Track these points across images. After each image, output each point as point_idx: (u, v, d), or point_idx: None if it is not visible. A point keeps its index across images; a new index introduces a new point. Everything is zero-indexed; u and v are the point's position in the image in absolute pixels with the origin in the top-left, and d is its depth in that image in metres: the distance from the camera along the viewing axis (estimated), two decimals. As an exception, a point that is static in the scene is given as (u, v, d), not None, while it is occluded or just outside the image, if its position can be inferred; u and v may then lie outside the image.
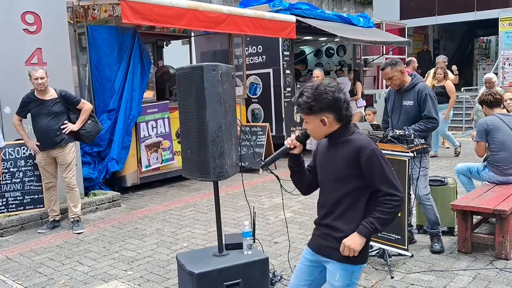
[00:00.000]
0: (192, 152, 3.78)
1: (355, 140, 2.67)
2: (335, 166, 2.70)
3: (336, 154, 2.71)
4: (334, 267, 2.71)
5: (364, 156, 2.59)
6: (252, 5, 11.42)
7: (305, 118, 2.72)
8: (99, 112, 7.87)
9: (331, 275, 2.73)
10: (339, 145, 2.70)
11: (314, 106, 2.64)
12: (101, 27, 8.03)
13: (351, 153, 2.63)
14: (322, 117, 2.66)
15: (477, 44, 23.28)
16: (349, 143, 2.67)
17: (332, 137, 2.74)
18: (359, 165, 2.61)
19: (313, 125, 2.70)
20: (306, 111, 2.67)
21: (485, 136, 5.62)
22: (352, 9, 22.78)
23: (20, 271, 5.08)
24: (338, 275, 2.69)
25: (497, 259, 4.79)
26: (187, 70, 3.79)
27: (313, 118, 2.68)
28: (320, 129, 2.70)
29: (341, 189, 2.68)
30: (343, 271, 2.69)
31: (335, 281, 2.70)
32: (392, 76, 5.04)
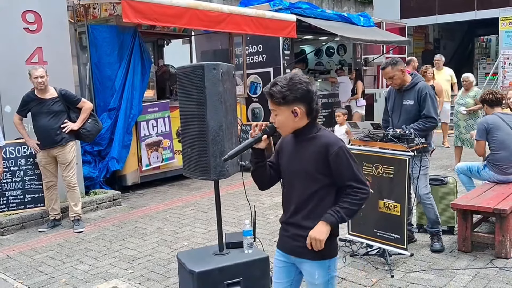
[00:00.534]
0: (193, 151, 3.79)
1: (322, 136, 2.65)
2: (303, 163, 2.66)
3: (304, 151, 2.67)
4: (310, 266, 2.68)
5: (332, 153, 2.57)
6: (253, 4, 11.41)
7: (276, 109, 2.64)
8: (100, 111, 7.87)
9: (310, 275, 2.70)
10: (307, 141, 2.67)
11: (288, 96, 2.59)
12: (102, 26, 8.04)
13: (319, 150, 2.61)
14: (294, 108, 2.60)
15: (477, 43, 23.27)
16: (317, 140, 2.64)
17: (299, 133, 2.69)
18: (327, 162, 2.59)
19: (284, 116, 2.63)
20: (279, 100, 2.60)
21: (485, 135, 5.63)
22: (352, 8, 22.77)
23: (21, 269, 5.09)
24: (317, 273, 2.67)
25: (497, 258, 4.80)
26: (188, 69, 3.79)
27: (285, 108, 2.62)
28: (291, 121, 2.64)
29: (309, 186, 2.64)
30: (321, 268, 2.67)
31: (315, 280, 2.68)
32: (392, 76, 5.05)
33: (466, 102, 8.98)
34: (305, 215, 2.66)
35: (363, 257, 4.94)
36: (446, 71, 11.52)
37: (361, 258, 4.91)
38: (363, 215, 4.83)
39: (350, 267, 4.72)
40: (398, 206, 4.55)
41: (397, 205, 4.56)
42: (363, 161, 4.80)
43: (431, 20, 20.39)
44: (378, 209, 4.70)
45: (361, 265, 4.78)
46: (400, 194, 4.54)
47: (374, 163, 4.70)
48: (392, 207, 4.59)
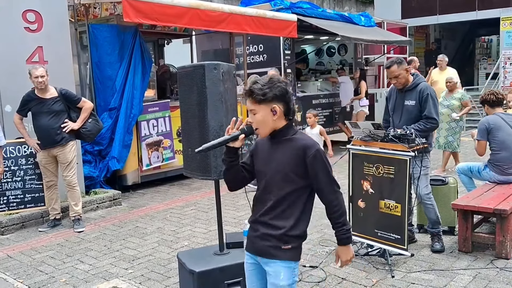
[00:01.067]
0: (193, 151, 3.78)
1: (300, 139, 2.67)
2: (280, 164, 2.67)
3: (280, 152, 2.68)
4: (276, 266, 2.67)
5: (310, 156, 2.60)
6: (253, 4, 11.40)
7: (255, 108, 2.64)
8: (100, 111, 7.87)
9: (274, 276, 2.67)
10: (283, 143, 2.68)
11: (268, 93, 2.61)
12: (102, 25, 8.04)
13: (296, 152, 2.63)
14: (273, 106, 2.62)
15: (478, 43, 23.30)
16: (294, 142, 2.66)
17: (276, 135, 2.70)
18: (304, 164, 2.61)
19: (263, 114, 2.63)
20: (259, 97, 2.61)
21: (486, 135, 5.62)
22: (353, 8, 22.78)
23: (21, 269, 5.09)
24: (283, 273, 2.66)
25: (497, 259, 4.79)
26: (188, 69, 3.79)
27: (264, 107, 2.63)
28: (270, 120, 2.64)
29: (285, 187, 2.65)
30: (287, 269, 2.67)
31: (280, 281, 2.65)
32: (398, 75, 5.02)
33: (450, 103, 8.64)
34: (277, 214, 2.67)
35: (363, 257, 4.93)
36: (449, 71, 11.04)
37: (361, 258, 4.91)
38: (364, 215, 4.83)
39: (350, 267, 4.71)
40: (399, 207, 4.54)
41: (397, 206, 4.56)
42: (364, 161, 4.79)
43: (432, 20, 20.41)
44: (379, 209, 4.69)
45: (361, 265, 4.77)
46: (401, 194, 4.53)
47: (375, 163, 4.69)
48: (392, 207, 4.59)
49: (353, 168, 4.93)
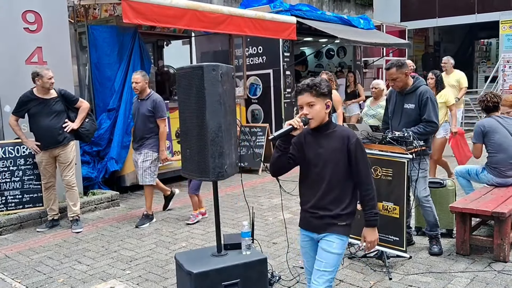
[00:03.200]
0: (192, 152, 3.78)
1: (342, 130, 3.13)
2: (330, 154, 3.06)
3: (328, 143, 3.08)
4: (331, 237, 3.09)
5: (352, 143, 3.03)
6: (253, 6, 11.43)
7: (314, 100, 3.03)
8: (99, 112, 7.87)
9: (327, 244, 3.09)
10: (329, 135, 3.09)
11: (325, 88, 3.05)
12: (102, 26, 8.04)
13: (340, 140, 3.05)
14: (327, 100, 3.06)
15: (477, 46, 23.31)
16: (338, 133, 3.09)
17: (321, 128, 3.10)
18: (347, 150, 3.03)
19: (320, 107, 3.04)
20: (321, 91, 3.02)
21: (481, 138, 5.64)
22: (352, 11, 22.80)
23: (19, 269, 5.08)
24: (336, 243, 3.08)
25: (495, 262, 4.80)
26: (187, 70, 3.78)
27: (322, 100, 3.04)
28: (324, 112, 3.05)
29: (336, 174, 3.06)
30: (340, 240, 3.10)
31: (332, 249, 3.07)
32: (396, 78, 5.01)
33: (377, 112, 7.42)
34: (332, 200, 3.07)
35: (361, 259, 4.93)
36: (454, 75, 10.22)
37: (359, 260, 4.91)
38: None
39: (348, 269, 4.72)
40: (397, 209, 4.55)
41: (396, 208, 4.56)
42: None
43: (431, 23, 20.42)
44: (377, 211, 4.69)
45: (359, 267, 4.78)
46: (399, 196, 4.54)
47: (373, 166, 4.69)
48: (391, 209, 4.59)
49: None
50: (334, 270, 3.10)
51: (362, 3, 23.60)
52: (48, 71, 6.09)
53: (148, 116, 6.41)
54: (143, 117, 6.44)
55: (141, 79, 6.41)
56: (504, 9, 18.05)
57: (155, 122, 6.45)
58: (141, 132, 6.49)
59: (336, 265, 3.11)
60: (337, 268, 3.13)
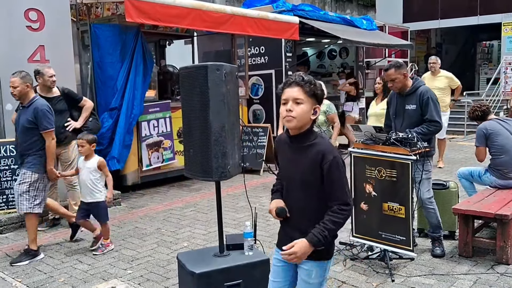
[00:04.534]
0: (195, 152, 3.77)
1: (319, 144, 2.67)
2: (300, 170, 2.70)
3: (300, 158, 2.70)
4: (309, 265, 2.73)
5: (327, 163, 2.60)
6: (256, 5, 11.41)
7: (303, 99, 2.64)
8: (101, 111, 7.85)
9: (306, 274, 2.74)
10: (304, 148, 2.70)
11: (319, 91, 2.68)
12: (104, 25, 8.03)
13: (315, 157, 2.64)
14: (316, 106, 2.68)
15: (479, 48, 23.29)
16: (314, 147, 2.67)
17: (299, 138, 2.72)
18: (321, 170, 2.62)
19: (307, 109, 2.65)
20: (314, 90, 2.65)
21: (484, 141, 5.64)
22: (355, 12, 22.81)
23: (19, 268, 5.06)
24: (314, 272, 2.73)
25: (498, 264, 4.78)
26: (191, 70, 3.77)
27: (311, 102, 2.65)
28: (308, 116, 2.66)
29: (307, 193, 2.69)
30: (319, 268, 2.74)
31: (311, 279, 2.73)
32: (394, 78, 5.01)
33: None
34: (305, 219, 2.70)
35: (363, 260, 4.92)
36: (441, 77, 9.61)
37: (361, 262, 4.90)
38: (367, 217, 4.82)
39: (350, 271, 4.70)
40: (403, 209, 4.53)
41: (401, 208, 4.54)
42: (366, 164, 4.78)
43: (433, 24, 20.41)
44: (383, 211, 4.68)
45: (361, 269, 4.76)
46: (405, 197, 4.52)
47: (377, 167, 4.68)
48: (396, 209, 4.58)
49: (355, 171, 4.92)
50: None
51: (364, 3, 23.60)
52: (50, 69, 6.07)
53: (28, 128, 5.28)
54: (22, 128, 5.33)
55: (19, 82, 5.27)
56: (506, 11, 18.05)
57: (39, 135, 5.29)
58: (21, 147, 5.39)
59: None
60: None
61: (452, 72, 9.90)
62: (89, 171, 5.43)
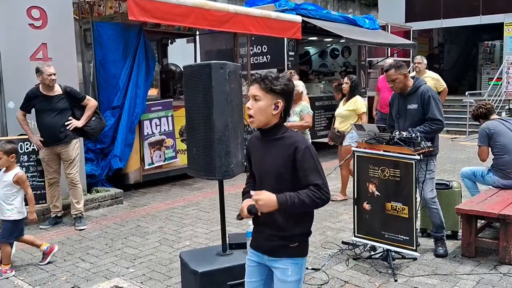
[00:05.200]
0: (198, 151, 3.77)
1: (290, 137, 2.68)
2: (273, 163, 2.68)
3: (272, 151, 2.70)
4: (284, 263, 2.70)
5: (300, 151, 2.59)
6: (258, 4, 11.40)
7: (261, 96, 2.65)
8: (103, 109, 7.84)
9: (282, 273, 2.70)
10: (275, 141, 2.70)
11: (278, 86, 2.64)
12: (107, 23, 8.02)
13: (287, 149, 2.63)
14: (277, 100, 2.65)
15: (481, 48, 23.24)
16: (285, 140, 2.67)
17: (268, 132, 2.72)
18: (294, 160, 2.60)
19: (266, 105, 2.64)
20: (270, 86, 2.64)
21: (487, 141, 5.63)
22: (357, 11, 22.79)
23: (21, 266, 5.06)
24: (290, 270, 2.69)
25: (500, 264, 4.77)
26: (194, 68, 3.77)
27: (270, 97, 2.64)
28: (269, 112, 2.65)
29: (280, 186, 2.64)
30: (294, 265, 2.71)
31: (288, 277, 2.69)
32: (395, 79, 5.01)
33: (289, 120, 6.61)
34: (278, 215, 2.65)
35: (366, 260, 4.91)
36: (427, 77, 8.75)
37: (364, 262, 4.89)
38: (370, 217, 4.81)
39: (353, 271, 4.70)
40: (406, 209, 4.52)
41: (405, 208, 4.53)
42: (369, 164, 4.77)
43: (436, 24, 20.39)
44: (386, 211, 4.67)
45: (364, 268, 4.75)
46: (408, 196, 4.51)
47: (380, 166, 4.67)
48: (400, 209, 4.57)
49: (358, 171, 4.91)
50: None
51: (366, 3, 23.57)
52: (49, 67, 6.03)
53: None
54: None
55: None
56: (508, 11, 18.01)
57: None
58: None
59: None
60: None
61: (454, 72, 9.81)
62: (4, 184, 4.90)
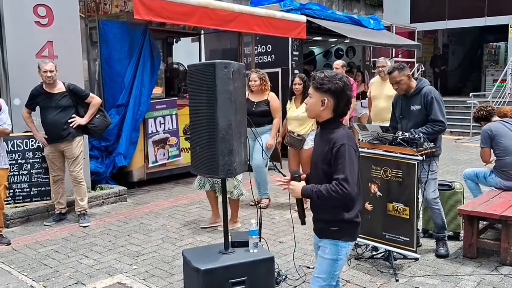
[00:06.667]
0: (201, 149, 3.79)
1: (335, 132, 2.97)
2: (319, 155, 3.04)
3: (321, 143, 3.04)
4: (325, 242, 3.08)
5: (336, 147, 2.89)
6: (263, 4, 11.41)
7: (312, 93, 3.03)
8: (108, 107, 7.88)
9: (322, 250, 3.09)
10: (325, 135, 3.02)
11: (324, 85, 2.95)
12: (113, 22, 8.06)
13: (328, 144, 2.94)
14: (324, 98, 2.97)
15: (486, 49, 23.20)
16: (330, 134, 2.97)
17: (322, 126, 3.07)
18: (330, 155, 2.92)
19: (314, 102, 3.01)
20: (317, 85, 2.98)
21: (489, 142, 5.65)
22: (362, 11, 22.76)
23: (25, 262, 5.11)
24: (328, 248, 3.05)
25: (502, 265, 4.79)
26: (199, 67, 3.79)
27: (318, 95, 2.99)
28: (317, 108, 3.01)
29: (323, 178, 2.97)
30: (333, 245, 3.04)
31: (324, 254, 3.06)
32: (399, 80, 5.04)
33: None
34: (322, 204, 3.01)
35: (368, 260, 4.93)
36: None
37: (366, 261, 4.91)
38: (371, 217, 4.82)
39: (355, 270, 4.72)
40: (407, 210, 4.54)
41: (406, 209, 4.55)
42: (372, 164, 4.79)
43: (441, 25, 20.35)
44: (387, 212, 4.68)
45: (365, 268, 4.77)
46: (410, 197, 4.52)
47: (383, 166, 4.69)
48: (401, 210, 4.58)
49: (360, 171, 4.90)
50: (328, 277, 3.06)
51: (371, 3, 23.53)
52: (46, 64, 6.04)
53: None
54: None
55: None
56: (513, 13, 17.99)
57: None
58: None
59: (330, 271, 3.05)
60: (333, 275, 3.06)
61: (459, 73, 9.74)
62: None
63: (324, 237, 3.09)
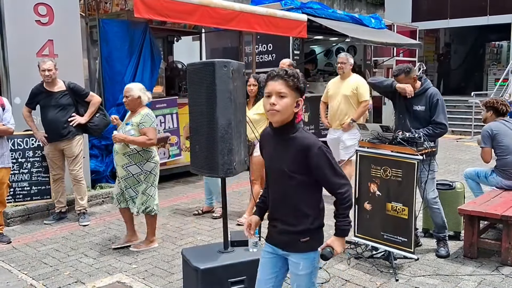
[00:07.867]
0: (201, 148, 3.78)
1: (304, 137, 2.71)
2: (285, 162, 2.72)
3: (284, 150, 2.74)
4: (296, 257, 2.78)
5: (313, 157, 2.64)
6: (264, 3, 11.39)
7: (286, 92, 2.65)
8: (108, 106, 7.87)
9: (295, 266, 2.80)
10: (287, 141, 2.73)
11: (302, 84, 2.70)
12: (113, 20, 8.05)
13: (298, 151, 2.68)
14: (300, 98, 2.70)
15: (488, 48, 23.16)
16: (298, 140, 2.70)
17: (282, 130, 2.74)
18: (306, 162, 2.66)
19: (290, 102, 2.66)
20: (297, 85, 2.67)
21: (490, 142, 5.63)
22: (363, 10, 22.71)
23: (25, 261, 5.10)
24: (302, 264, 2.77)
25: (503, 265, 4.77)
26: (198, 66, 3.79)
27: (295, 95, 2.67)
28: (291, 109, 2.67)
29: (290, 184, 2.72)
30: (306, 259, 2.77)
31: (299, 271, 2.78)
32: (406, 83, 5.04)
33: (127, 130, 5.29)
34: (289, 210, 2.77)
35: (368, 260, 4.92)
36: (350, 82, 7.02)
37: (365, 261, 4.90)
38: (370, 217, 4.81)
39: (354, 270, 4.71)
40: (406, 210, 4.52)
41: (405, 209, 4.53)
42: (371, 163, 4.77)
43: (442, 24, 20.32)
44: (386, 212, 4.67)
45: (365, 268, 4.76)
46: (409, 197, 4.51)
47: (383, 166, 4.67)
48: (400, 210, 4.57)
49: (360, 170, 4.91)
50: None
51: (373, 2, 23.49)
52: (44, 63, 6.03)
53: None
54: None
55: None
56: (516, 11, 17.95)
57: None
58: None
59: (309, 283, 2.80)
60: (312, 283, 2.82)
61: (461, 72, 9.73)
62: None
63: (292, 251, 2.78)
